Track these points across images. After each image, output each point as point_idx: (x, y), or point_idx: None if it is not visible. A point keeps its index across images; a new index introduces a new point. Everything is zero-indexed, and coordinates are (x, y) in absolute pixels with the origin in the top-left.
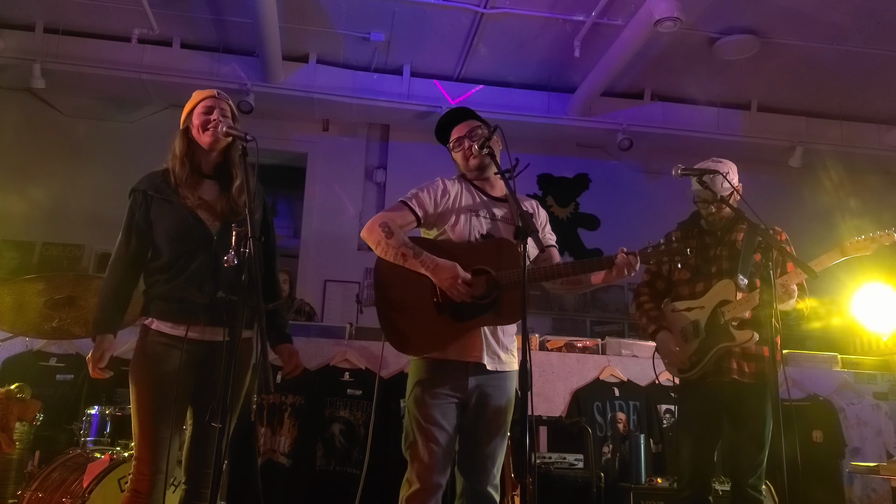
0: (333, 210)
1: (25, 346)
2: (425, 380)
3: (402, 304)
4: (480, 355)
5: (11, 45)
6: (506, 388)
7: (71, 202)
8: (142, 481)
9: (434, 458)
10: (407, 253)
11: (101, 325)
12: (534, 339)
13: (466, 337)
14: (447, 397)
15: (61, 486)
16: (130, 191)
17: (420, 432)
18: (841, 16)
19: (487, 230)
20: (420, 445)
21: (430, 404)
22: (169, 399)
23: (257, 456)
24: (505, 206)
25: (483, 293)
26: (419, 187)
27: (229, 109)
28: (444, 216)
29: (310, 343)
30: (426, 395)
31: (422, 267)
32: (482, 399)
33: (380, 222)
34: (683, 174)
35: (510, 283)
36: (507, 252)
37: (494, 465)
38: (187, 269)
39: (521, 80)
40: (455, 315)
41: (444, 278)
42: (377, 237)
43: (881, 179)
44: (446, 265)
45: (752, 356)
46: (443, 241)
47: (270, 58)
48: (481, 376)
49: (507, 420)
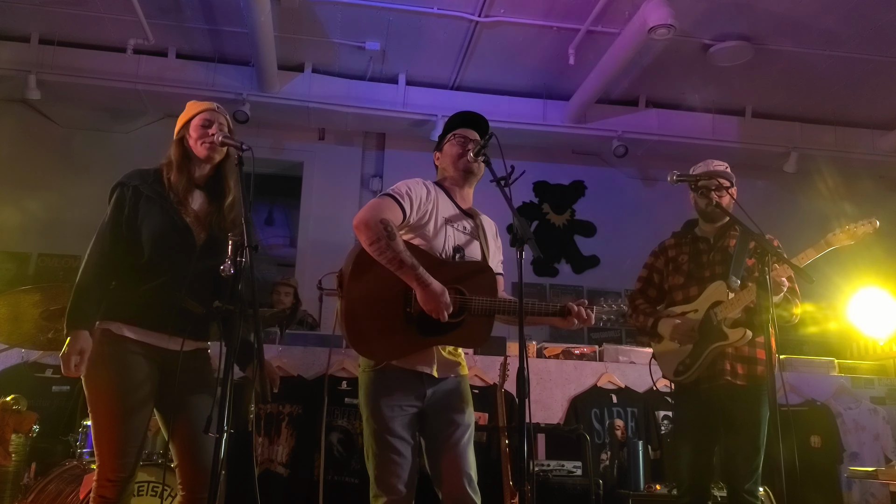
0: (330, 219)
1: (21, 357)
2: (381, 391)
3: (372, 304)
4: (432, 368)
5: (6, 56)
6: (462, 390)
7: (67, 213)
8: (108, 487)
9: (399, 469)
10: (406, 262)
11: (78, 320)
12: (531, 346)
13: (426, 350)
14: (406, 408)
15: (57, 498)
16: (117, 184)
17: (381, 446)
18: (834, 22)
19: (458, 243)
20: (382, 458)
21: (389, 417)
22: (136, 406)
23: (255, 465)
24: (471, 220)
25: (455, 312)
26: (405, 184)
27: (226, 124)
28: (424, 221)
29: (307, 352)
30: (384, 408)
31: (415, 281)
32: (442, 405)
33: (380, 218)
34: (679, 180)
35: (480, 311)
36: (485, 279)
37: (469, 465)
38: (166, 274)
39: (516, 88)
40: (421, 328)
41: (431, 301)
42: (376, 234)
43: (875, 184)
44: (438, 290)
45: (745, 358)
46: (422, 251)
47: (266, 67)
48: (437, 384)
49: (471, 420)
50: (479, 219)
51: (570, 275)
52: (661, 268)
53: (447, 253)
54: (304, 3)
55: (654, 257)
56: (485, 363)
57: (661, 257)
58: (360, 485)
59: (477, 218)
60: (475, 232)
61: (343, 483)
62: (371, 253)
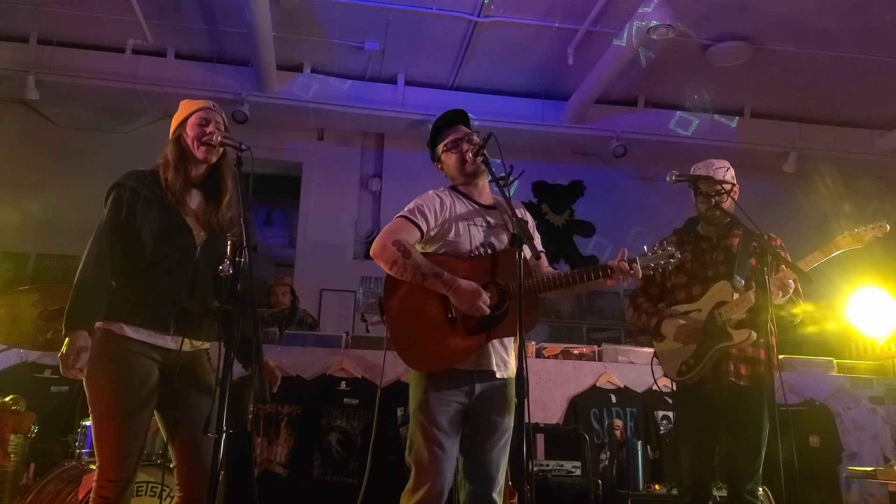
0: (329, 219)
1: (20, 357)
2: (432, 386)
3: (415, 320)
4: (491, 364)
5: (5, 56)
6: (508, 394)
7: (65, 213)
8: (108, 488)
9: (440, 464)
10: (427, 273)
11: (77, 321)
12: (530, 346)
13: (481, 349)
14: (454, 404)
15: (56, 499)
16: (113, 185)
17: (426, 439)
18: (833, 22)
19: (485, 239)
20: (426, 452)
21: (437, 410)
22: (137, 406)
23: (254, 466)
24: (495, 212)
25: (496, 304)
26: (416, 202)
27: (222, 122)
28: (444, 229)
29: (306, 352)
30: (433, 401)
31: (443, 288)
32: (487, 405)
33: (392, 240)
34: (678, 180)
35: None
36: (511, 262)
37: (499, 471)
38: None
39: (515, 88)
40: (469, 328)
41: (466, 300)
42: (392, 256)
43: (874, 184)
44: (469, 287)
45: (748, 359)
46: (448, 256)
47: (265, 67)
48: (486, 383)
49: (510, 426)
50: (502, 207)
51: None
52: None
53: (477, 251)
54: (303, 3)
55: None
56: None
57: None
58: (358, 485)
59: (499, 207)
60: (500, 222)
61: (342, 483)
62: (393, 275)
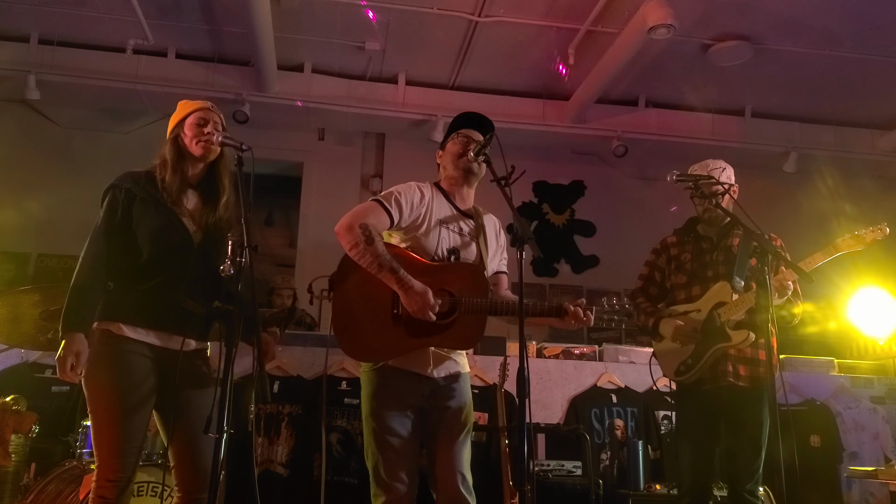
0: (330, 219)
1: (21, 357)
2: (379, 391)
3: (361, 305)
4: (428, 369)
5: (6, 56)
6: (461, 389)
7: (66, 213)
8: (107, 488)
9: (396, 467)
10: (384, 265)
11: (74, 323)
12: (531, 346)
13: (417, 351)
14: (404, 407)
15: (57, 499)
16: (109, 187)
17: (379, 444)
18: (834, 21)
19: (453, 245)
20: (380, 457)
21: (386, 416)
22: (136, 406)
23: (255, 466)
24: (470, 221)
25: (443, 313)
26: (395, 189)
27: (220, 122)
28: (417, 224)
29: (306, 352)
30: (382, 406)
31: (396, 284)
32: (439, 403)
33: (360, 223)
34: (678, 180)
35: (470, 310)
36: (475, 278)
37: (462, 465)
38: (164, 273)
39: (516, 88)
40: (409, 330)
41: (415, 303)
42: (354, 239)
43: (875, 184)
44: (420, 291)
45: (747, 360)
46: (410, 254)
47: (265, 67)
48: (434, 382)
49: (469, 420)
50: (481, 219)
51: (570, 275)
52: (663, 266)
53: (441, 255)
54: (304, 3)
55: (655, 255)
56: (485, 363)
57: (663, 255)
58: (359, 485)
59: (478, 218)
60: (473, 232)
61: (343, 483)
62: (352, 257)
